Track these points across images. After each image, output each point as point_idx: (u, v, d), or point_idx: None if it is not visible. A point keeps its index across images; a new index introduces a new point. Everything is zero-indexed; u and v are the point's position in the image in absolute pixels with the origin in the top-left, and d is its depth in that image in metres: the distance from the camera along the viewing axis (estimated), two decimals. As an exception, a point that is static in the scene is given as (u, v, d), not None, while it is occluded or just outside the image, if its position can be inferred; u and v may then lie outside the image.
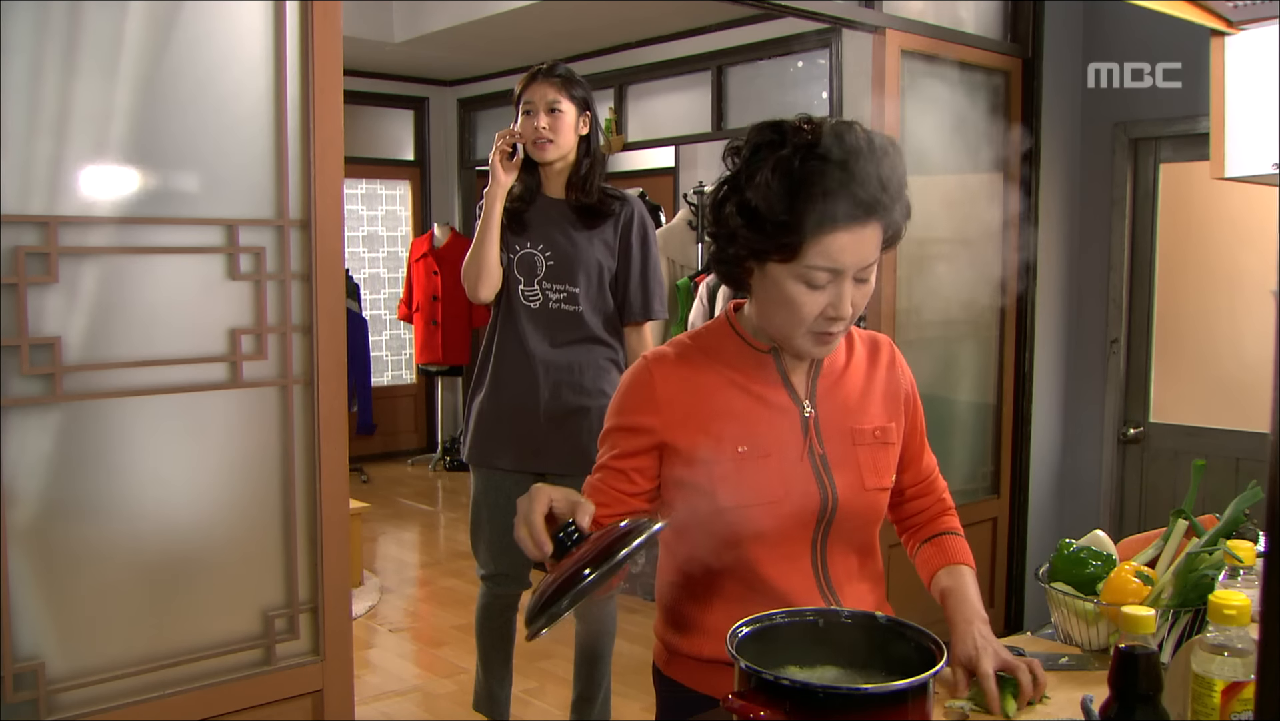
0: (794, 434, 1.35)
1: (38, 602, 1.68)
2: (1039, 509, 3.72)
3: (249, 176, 1.87)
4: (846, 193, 1.19)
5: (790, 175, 1.20)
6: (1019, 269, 3.58)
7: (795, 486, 1.33)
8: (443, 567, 5.05)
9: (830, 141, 1.20)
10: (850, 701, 0.96)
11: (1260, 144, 2.54)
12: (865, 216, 1.22)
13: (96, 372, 1.72)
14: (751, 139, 1.26)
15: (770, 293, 1.28)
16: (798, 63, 4.96)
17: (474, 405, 2.70)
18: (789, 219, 1.20)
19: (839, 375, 1.40)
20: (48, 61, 1.65)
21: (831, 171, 1.19)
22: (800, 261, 1.22)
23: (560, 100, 2.59)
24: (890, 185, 1.23)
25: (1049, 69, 3.54)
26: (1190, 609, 1.42)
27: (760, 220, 1.22)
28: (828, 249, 1.21)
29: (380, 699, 3.49)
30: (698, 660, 1.39)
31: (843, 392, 1.39)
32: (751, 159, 1.24)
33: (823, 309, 1.25)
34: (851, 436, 1.38)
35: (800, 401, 1.36)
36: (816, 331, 1.28)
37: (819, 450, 1.35)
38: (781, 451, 1.33)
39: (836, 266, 1.22)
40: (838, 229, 1.20)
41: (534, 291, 2.60)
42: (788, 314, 1.27)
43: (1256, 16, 2.47)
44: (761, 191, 1.21)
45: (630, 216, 2.66)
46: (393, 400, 7.50)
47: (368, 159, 7.11)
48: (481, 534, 2.69)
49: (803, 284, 1.24)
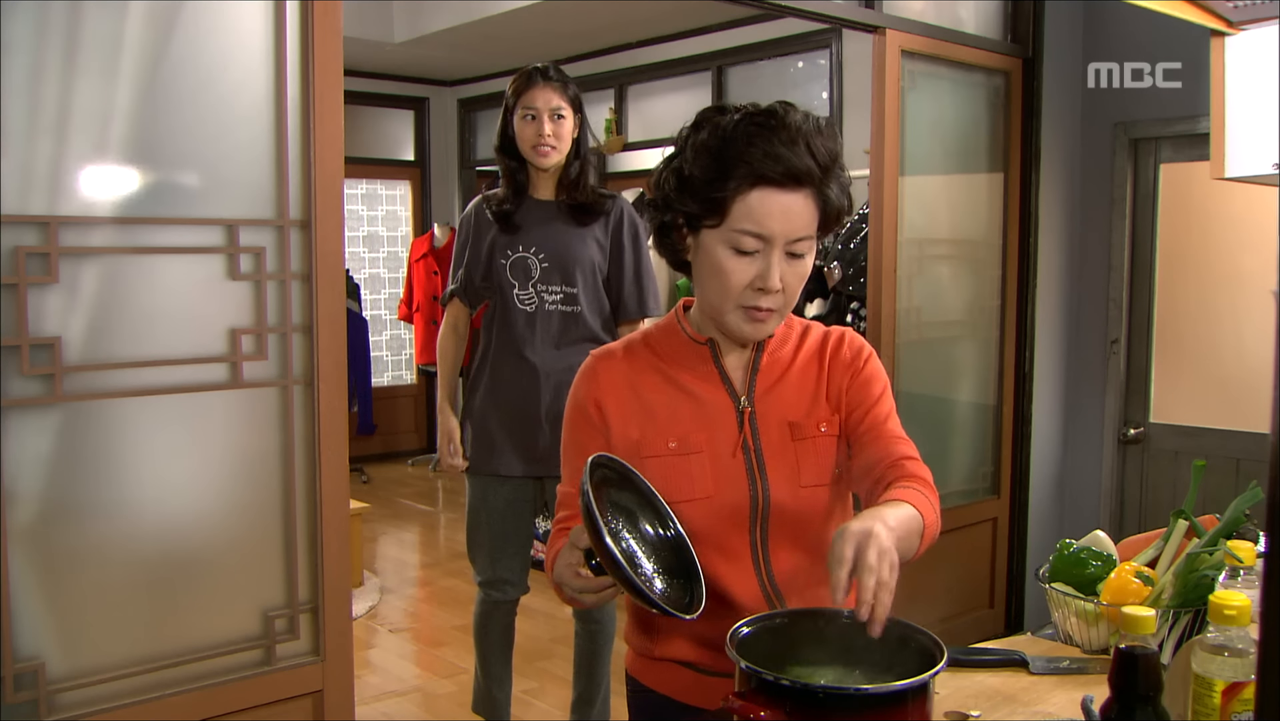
0: (728, 429, 1.33)
1: (38, 602, 1.69)
2: (1039, 509, 3.72)
3: (249, 176, 1.87)
4: (773, 153, 1.21)
5: (721, 135, 1.23)
6: (1019, 269, 3.59)
7: (726, 483, 1.32)
8: (443, 568, 5.05)
9: (764, 112, 1.25)
10: (850, 701, 0.96)
11: (1260, 144, 2.53)
12: (794, 184, 1.23)
13: (97, 373, 1.72)
14: (696, 118, 1.30)
15: (703, 264, 1.29)
16: (798, 63, 4.96)
17: (471, 413, 2.67)
18: (716, 174, 1.23)
19: (783, 369, 1.37)
20: (48, 61, 1.65)
21: (760, 133, 1.22)
22: (728, 224, 1.24)
23: (563, 106, 2.58)
24: (820, 157, 1.24)
25: (1049, 69, 3.54)
26: (1190, 609, 1.42)
27: (690, 181, 1.25)
28: (753, 210, 1.22)
29: (380, 699, 3.49)
30: (660, 661, 1.39)
31: (785, 387, 1.36)
32: (691, 133, 1.28)
33: (751, 279, 1.25)
34: (791, 431, 1.34)
35: (737, 396, 1.35)
36: (746, 306, 1.27)
37: (753, 445, 1.33)
38: (713, 447, 1.32)
39: (763, 231, 1.23)
40: (764, 188, 1.22)
41: (529, 295, 2.59)
42: (718, 284, 1.27)
43: (1256, 16, 2.46)
44: (693, 153, 1.25)
45: (620, 214, 2.66)
46: (393, 400, 7.49)
47: (368, 159, 7.11)
48: (480, 539, 2.69)
49: (732, 250, 1.25)
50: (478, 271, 2.63)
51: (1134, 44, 3.48)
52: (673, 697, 1.39)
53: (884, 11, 3.11)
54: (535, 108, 2.56)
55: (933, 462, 1.53)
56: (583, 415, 1.36)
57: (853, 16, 3.03)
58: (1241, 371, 3.48)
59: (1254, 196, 3.13)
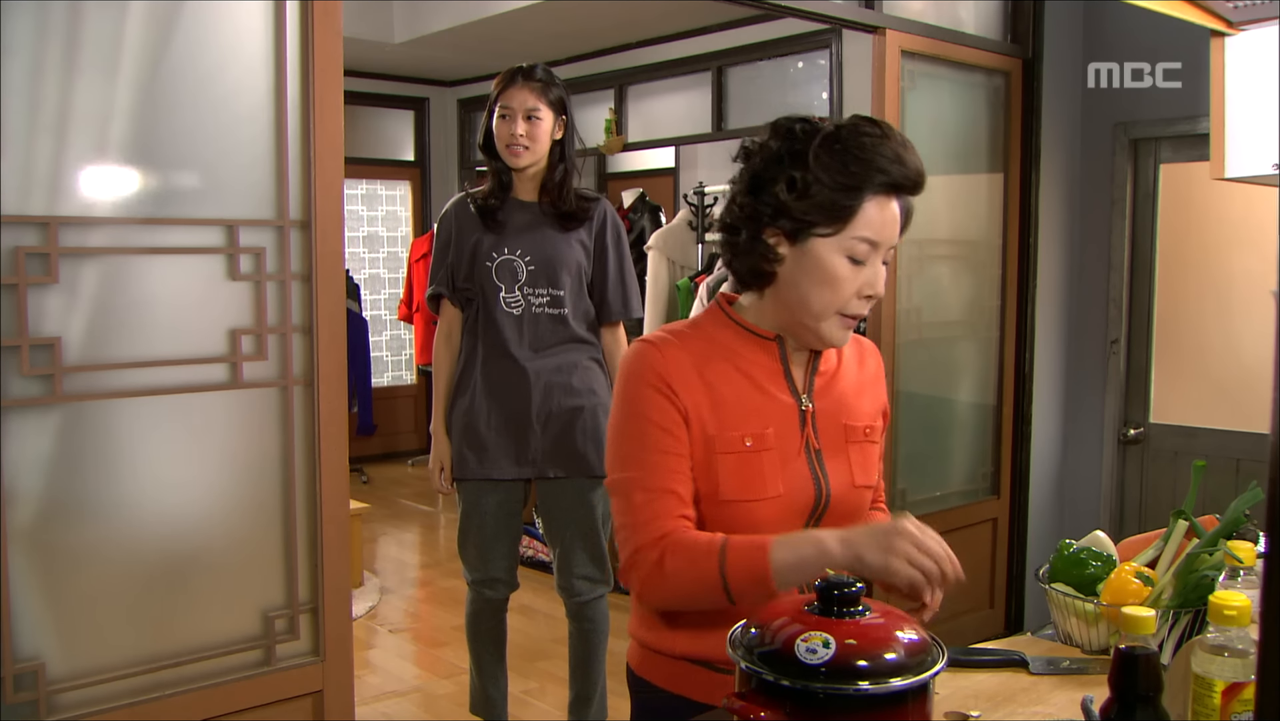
0: (792, 428, 1.35)
1: (38, 603, 1.69)
2: (1039, 509, 3.72)
3: (249, 177, 1.87)
4: (901, 161, 1.26)
5: (843, 145, 1.25)
6: (1019, 269, 3.59)
7: (794, 482, 1.33)
8: (443, 568, 5.05)
9: (872, 121, 1.28)
10: (850, 701, 0.96)
11: (1260, 144, 2.53)
12: (909, 192, 1.28)
13: (96, 373, 1.72)
14: (779, 129, 1.30)
15: (807, 271, 1.29)
16: (798, 63, 4.96)
17: (460, 417, 2.63)
18: (846, 183, 1.24)
19: (833, 372, 1.41)
20: (48, 61, 1.65)
21: (884, 143, 1.26)
22: (847, 232, 1.26)
23: (539, 107, 2.54)
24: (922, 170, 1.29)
25: (1049, 69, 3.54)
26: (1190, 609, 1.42)
27: (813, 189, 1.25)
28: (872, 219, 1.26)
29: (380, 699, 3.48)
30: (670, 656, 1.37)
31: (837, 389, 1.40)
32: (791, 142, 1.28)
33: (859, 286, 1.28)
34: (844, 433, 1.39)
35: (799, 395, 1.37)
36: (847, 314, 1.30)
37: (815, 445, 1.36)
38: (782, 445, 1.33)
39: (878, 239, 1.27)
40: (884, 196, 1.26)
41: (515, 298, 2.58)
42: (827, 292, 1.28)
43: (1256, 17, 2.46)
44: (818, 161, 1.25)
45: (603, 217, 2.65)
46: (393, 400, 7.49)
47: (368, 159, 7.11)
48: (471, 540, 2.69)
49: (845, 257, 1.27)
50: (461, 272, 2.61)
51: (1134, 44, 3.48)
52: (685, 696, 1.37)
53: (884, 11, 3.11)
54: (510, 107, 2.55)
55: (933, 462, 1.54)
56: (653, 392, 1.29)
57: (853, 16, 3.04)
58: (1241, 371, 3.48)
59: (1254, 196, 3.13)
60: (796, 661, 0.97)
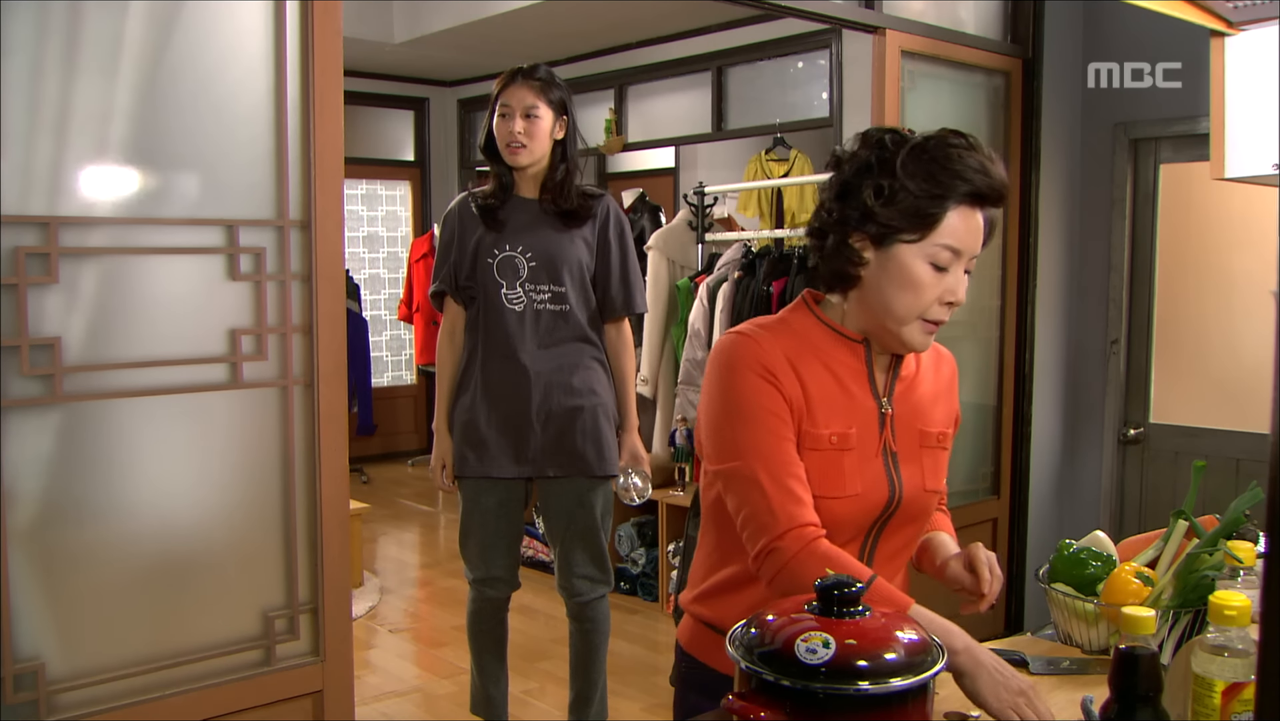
0: (872, 429, 1.37)
1: (38, 603, 1.69)
2: (1039, 509, 3.72)
3: (249, 177, 1.87)
4: (986, 172, 1.29)
5: (930, 154, 1.29)
6: (1019, 269, 3.58)
7: (871, 482, 1.36)
8: (443, 568, 5.05)
9: (959, 134, 1.31)
10: (850, 702, 0.96)
11: (1260, 144, 2.54)
12: (993, 203, 1.32)
13: (96, 373, 1.72)
14: (869, 139, 1.34)
15: (891, 276, 1.31)
16: (798, 63, 4.96)
17: (460, 415, 2.64)
18: (932, 191, 1.27)
19: (913, 378, 1.44)
20: (48, 61, 1.65)
21: (971, 154, 1.29)
22: (931, 239, 1.28)
23: (538, 105, 2.55)
24: (1006, 182, 1.31)
25: (1049, 69, 3.54)
26: (1190, 609, 1.42)
27: (899, 196, 1.27)
28: (956, 228, 1.28)
29: (380, 699, 3.48)
30: (721, 632, 1.36)
31: (915, 394, 1.43)
32: (880, 151, 1.31)
33: (940, 293, 1.31)
34: (919, 438, 1.41)
35: (879, 397, 1.39)
36: (929, 320, 1.32)
37: (892, 447, 1.38)
38: (863, 445, 1.36)
39: (961, 247, 1.29)
40: (969, 206, 1.29)
41: (518, 295, 2.58)
42: (909, 297, 1.30)
43: (1256, 17, 2.47)
44: (905, 170, 1.28)
45: (607, 212, 2.65)
46: (393, 400, 7.49)
47: (368, 159, 7.11)
48: (472, 539, 2.69)
49: (929, 264, 1.29)
50: (463, 270, 2.62)
51: (1134, 44, 3.48)
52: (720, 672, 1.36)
53: (884, 11, 3.10)
54: (510, 105, 2.56)
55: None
56: (758, 379, 1.31)
57: (853, 17, 3.03)
58: (1241, 372, 3.48)
59: (1254, 196, 3.13)
60: (796, 661, 0.97)
